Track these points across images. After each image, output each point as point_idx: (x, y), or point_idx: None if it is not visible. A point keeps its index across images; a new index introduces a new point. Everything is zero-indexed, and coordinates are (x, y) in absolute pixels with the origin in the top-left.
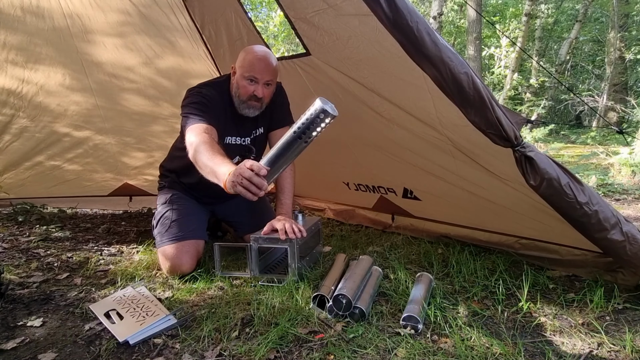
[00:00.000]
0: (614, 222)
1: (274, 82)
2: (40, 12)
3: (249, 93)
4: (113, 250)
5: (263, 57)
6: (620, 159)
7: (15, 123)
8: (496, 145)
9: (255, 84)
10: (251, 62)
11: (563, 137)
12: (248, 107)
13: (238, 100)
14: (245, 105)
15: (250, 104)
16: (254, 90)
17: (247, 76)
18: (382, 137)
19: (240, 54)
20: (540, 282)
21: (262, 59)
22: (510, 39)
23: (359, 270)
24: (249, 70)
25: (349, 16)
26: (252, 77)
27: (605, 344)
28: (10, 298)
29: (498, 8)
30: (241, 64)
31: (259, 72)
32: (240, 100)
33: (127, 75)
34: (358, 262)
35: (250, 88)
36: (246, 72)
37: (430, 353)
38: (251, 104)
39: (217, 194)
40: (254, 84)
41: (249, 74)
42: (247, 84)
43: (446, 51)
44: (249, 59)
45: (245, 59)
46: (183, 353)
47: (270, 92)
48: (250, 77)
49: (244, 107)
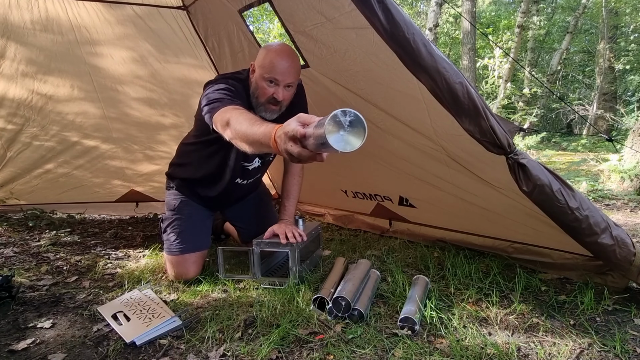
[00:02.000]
0: (604, 227)
1: (295, 84)
2: (50, 25)
3: (268, 95)
4: (120, 254)
5: (286, 56)
6: (610, 165)
7: (26, 132)
8: (490, 153)
9: (276, 86)
10: (272, 63)
11: (554, 145)
12: (265, 110)
13: (256, 101)
14: (263, 107)
15: (268, 107)
16: (273, 92)
17: (267, 77)
18: (379, 147)
19: (261, 50)
20: (532, 284)
21: (285, 59)
22: (503, 50)
23: (358, 273)
24: (269, 71)
25: (346, 29)
26: (273, 79)
27: (595, 344)
28: (21, 300)
29: (491, 20)
30: (261, 62)
31: (280, 73)
32: (258, 101)
33: (133, 86)
34: (357, 265)
35: (269, 90)
36: (266, 73)
37: (427, 353)
38: (269, 107)
39: (222, 192)
40: (273, 86)
41: (270, 75)
42: (266, 86)
43: (442, 62)
44: (270, 59)
45: (266, 58)
46: (188, 353)
47: (291, 94)
48: (270, 79)
49: (261, 109)
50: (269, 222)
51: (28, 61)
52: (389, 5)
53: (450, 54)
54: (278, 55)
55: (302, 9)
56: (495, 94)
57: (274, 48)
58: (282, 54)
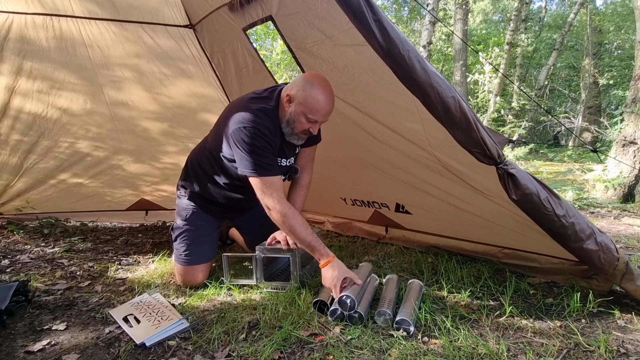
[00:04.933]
0: (589, 233)
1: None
2: (64, 43)
3: (304, 129)
4: (131, 260)
5: (328, 97)
6: (595, 175)
7: (41, 144)
8: (481, 163)
9: (314, 123)
10: (317, 106)
11: (542, 156)
12: (298, 139)
13: (290, 130)
14: (297, 137)
15: (301, 136)
16: (309, 127)
17: (311, 118)
18: (376, 157)
19: (304, 86)
20: (521, 288)
21: (328, 100)
22: (493, 66)
23: (361, 276)
24: (312, 113)
25: (345, 46)
26: (314, 120)
27: (581, 344)
28: (37, 304)
29: (482, 38)
30: (304, 100)
31: (322, 116)
32: (292, 131)
33: (142, 100)
34: (359, 268)
35: (307, 125)
36: (309, 114)
37: (421, 353)
38: (301, 137)
39: (233, 207)
40: (312, 123)
41: (313, 116)
42: (305, 121)
43: (435, 77)
44: (316, 102)
45: (310, 98)
46: (195, 354)
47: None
48: (312, 120)
49: (295, 137)
50: (271, 228)
51: (43, 77)
52: (385, 24)
53: (443, 69)
54: (323, 100)
55: (303, 27)
56: (485, 108)
57: (319, 91)
58: (327, 99)
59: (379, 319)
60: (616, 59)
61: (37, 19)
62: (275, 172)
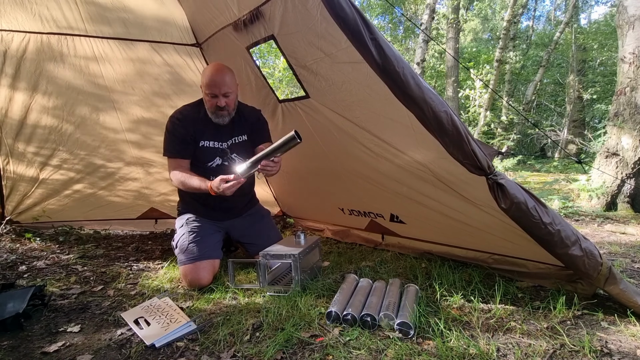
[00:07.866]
0: (574, 240)
1: (233, 91)
2: (77, 61)
3: (214, 105)
4: (141, 266)
5: (217, 74)
6: (579, 185)
7: (56, 156)
8: (471, 174)
9: (216, 97)
10: (208, 81)
11: (529, 167)
12: (217, 117)
13: (209, 111)
14: (215, 115)
15: (218, 113)
16: (216, 102)
17: (208, 93)
18: (372, 169)
19: (203, 72)
20: (510, 291)
21: (216, 76)
22: (483, 82)
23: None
24: (208, 88)
25: (343, 64)
26: (212, 93)
27: (566, 345)
28: (53, 307)
29: (473, 55)
30: (202, 82)
31: (215, 88)
32: (210, 111)
33: (152, 114)
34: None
35: (213, 101)
36: (207, 90)
37: (416, 354)
38: (219, 113)
39: (224, 206)
40: (215, 98)
41: (209, 90)
42: (209, 99)
43: (428, 92)
44: (207, 77)
45: (204, 77)
46: (202, 354)
47: (232, 100)
48: (210, 94)
49: (214, 116)
50: (270, 235)
51: (58, 93)
52: (380, 42)
53: (436, 85)
54: (211, 75)
55: (303, 46)
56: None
57: (208, 70)
58: (214, 73)
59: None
60: (599, 75)
61: (53, 38)
62: (174, 155)
